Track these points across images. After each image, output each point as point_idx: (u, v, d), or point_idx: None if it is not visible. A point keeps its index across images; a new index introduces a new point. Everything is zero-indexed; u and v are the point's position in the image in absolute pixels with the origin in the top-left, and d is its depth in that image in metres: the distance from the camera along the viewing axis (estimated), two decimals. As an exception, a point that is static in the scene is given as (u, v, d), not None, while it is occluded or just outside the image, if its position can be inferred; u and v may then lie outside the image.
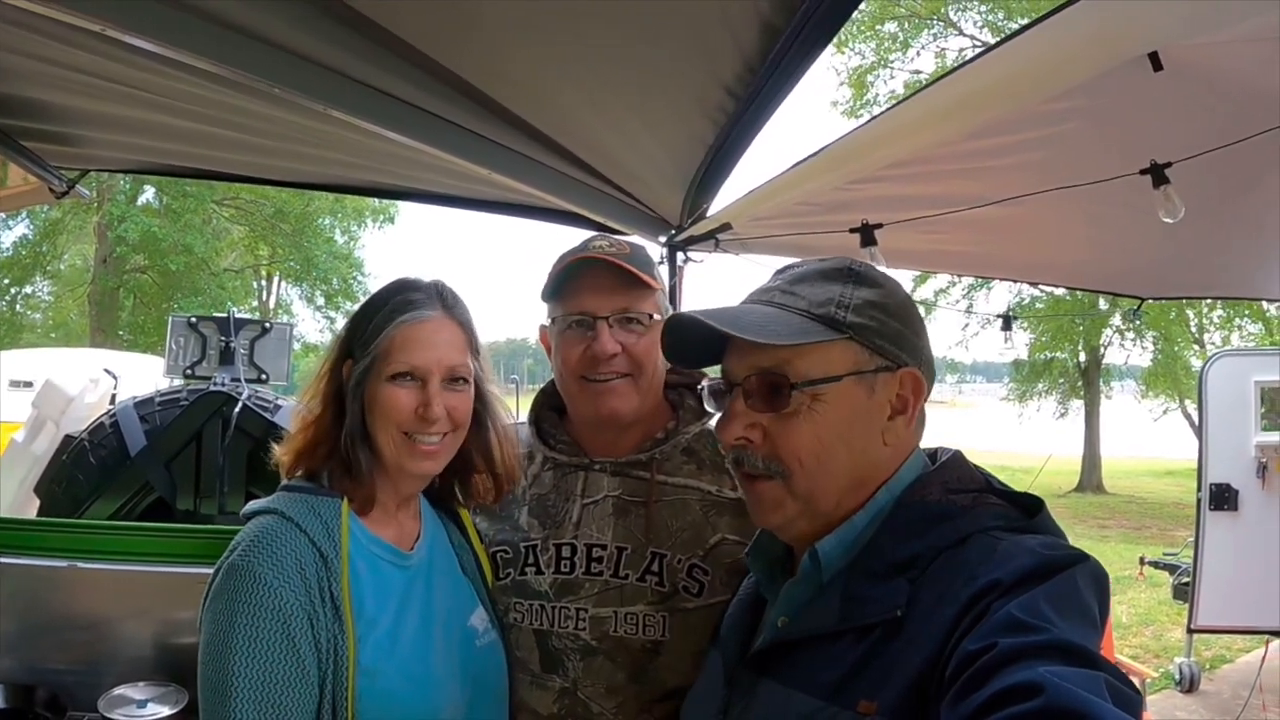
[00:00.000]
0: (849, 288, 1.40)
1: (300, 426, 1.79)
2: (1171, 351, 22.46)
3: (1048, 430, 22.38)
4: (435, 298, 1.81)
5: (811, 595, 1.36)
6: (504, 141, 2.93)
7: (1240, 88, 2.67)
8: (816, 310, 1.37)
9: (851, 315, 1.36)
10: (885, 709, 1.15)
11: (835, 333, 1.35)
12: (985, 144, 3.10)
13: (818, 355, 1.35)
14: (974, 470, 1.39)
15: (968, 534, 1.25)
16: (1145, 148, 3.02)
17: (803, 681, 1.27)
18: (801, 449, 1.35)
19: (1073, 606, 1.11)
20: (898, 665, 1.17)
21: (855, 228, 3.85)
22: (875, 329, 1.37)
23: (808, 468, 1.35)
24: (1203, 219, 3.24)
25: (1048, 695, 0.96)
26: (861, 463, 1.37)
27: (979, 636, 1.08)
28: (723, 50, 2.33)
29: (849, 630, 1.26)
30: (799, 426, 1.34)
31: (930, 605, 1.19)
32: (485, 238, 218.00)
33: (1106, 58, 2.44)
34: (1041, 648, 1.03)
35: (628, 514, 1.97)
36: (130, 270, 23.08)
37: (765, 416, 1.37)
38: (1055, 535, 1.28)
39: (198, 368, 3.93)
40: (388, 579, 1.75)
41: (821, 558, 1.34)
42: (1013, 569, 1.15)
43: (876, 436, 1.37)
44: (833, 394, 1.34)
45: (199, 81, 2.26)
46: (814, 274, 1.44)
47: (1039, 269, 6.23)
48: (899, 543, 1.29)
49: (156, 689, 2.45)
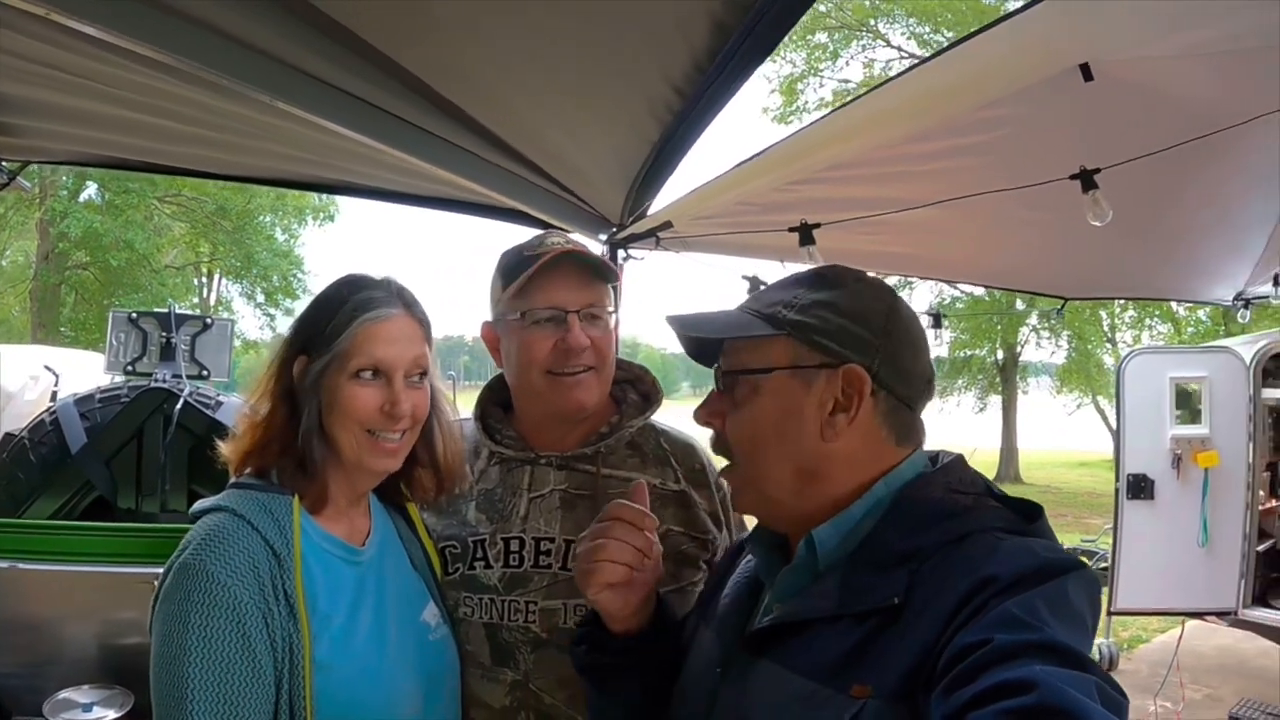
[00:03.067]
0: (806, 290, 1.42)
1: (249, 425, 1.73)
2: (1085, 349, 23.13)
3: (967, 424, 22.78)
4: (395, 296, 1.77)
5: (808, 581, 1.36)
6: (448, 137, 2.87)
7: (1166, 100, 2.72)
8: (765, 310, 1.40)
9: (794, 314, 1.38)
10: (879, 693, 1.15)
11: (773, 329, 1.38)
12: (922, 148, 3.13)
13: (759, 350, 1.39)
14: (975, 474, 1.40)
15: (969, 531, 1.26)
16: (1075, 154, 3.06)
17: (799, 664, 1.27)
18: (741, 437, 1.41)
19: (1067, 610, 1.12)
20: (893, 652, 1.17)
21: (794, 227, 3.87)
22: (816, 326, 1.37)
23: (745, 455, 1.41)
24: (1127, 223, 3.29)
25: (1040, 692, 0.96)
26: (798, 454, 1.37)
27: (975, 630, 1.08)
28: (672, 49, 2.30)
29: (846, 616, 1.26)
30: (740, 416, 1.40)
31: (928, 596, 1.19)
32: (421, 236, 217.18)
33: (1040, 68, 2.47)
34: (1036, 647, 1.03)
35: (574, 507, 1.96)
36: (72, 267, 22.60)
37: (724, 406, 1.43)
38: (1052, 541, 1.29)
39: (138, 364, 3.80)
40: (340, 575, 1.71)
41: (818, 545, 1.34)
42: (1012, 568, 1.15)
43: (814, 430, 1.36)
44: (768, 386, 1.38)
45: (144, 70, 2.17)
46: (791, 280, 1.48)
47: (970, 270, 6.34)
48: (902, 535, 1.29)
49: (102, 692, 2.39)
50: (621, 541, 1.51)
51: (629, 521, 1.53)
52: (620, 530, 1.52)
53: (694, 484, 2.04)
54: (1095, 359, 23.28)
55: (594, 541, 1.53)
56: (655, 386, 2.17)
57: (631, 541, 1.52)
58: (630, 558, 1.51)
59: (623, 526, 1.52)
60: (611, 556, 1.50)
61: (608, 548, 1.51)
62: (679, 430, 2.14)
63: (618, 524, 1.53)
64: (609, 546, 1.51)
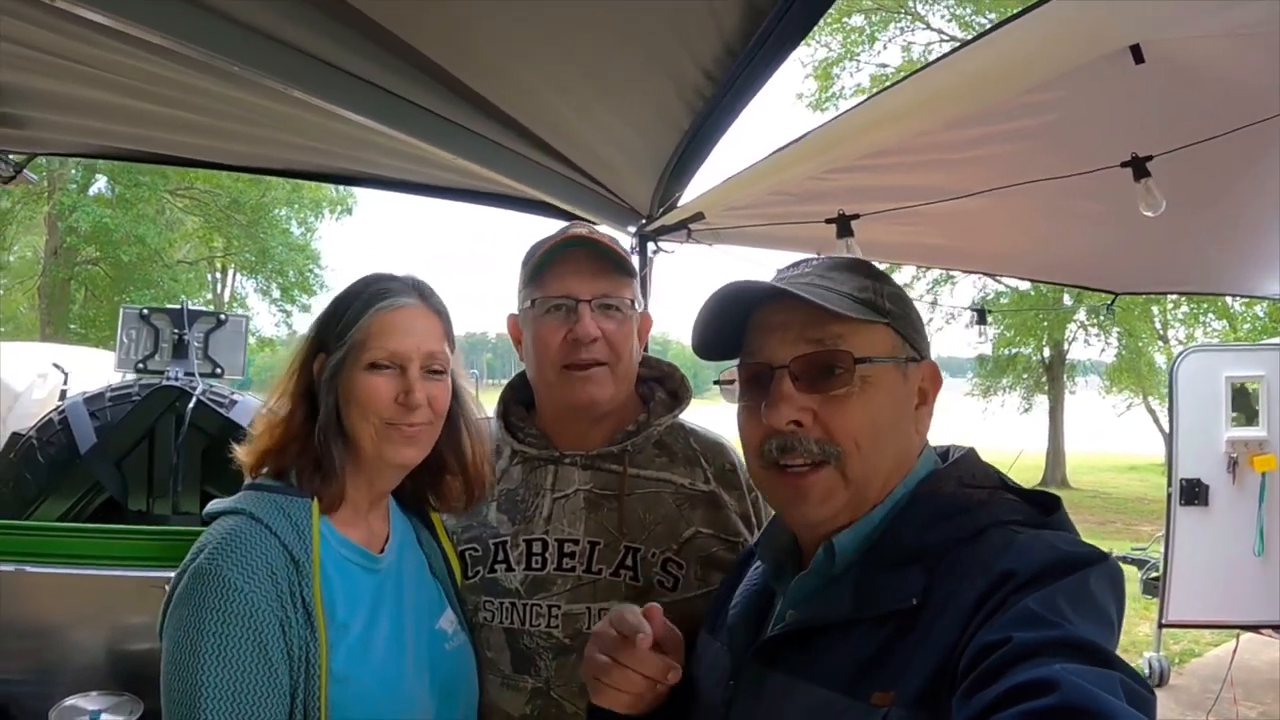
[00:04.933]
0: (876, 281, 1.42)
1: (267, 424, 1.75)
2: (1136, 347, 22.83)
3: (1012, 425, 22.59)
4: (411, 288, 1.79)
5: (822, 586, 1.35)
6: (470, 125, 2.88)
7: (1222, 82, 2.68)
8: (859, 295, 1.38)
9: (888, 303, 1.40)
10: (902, 700, 1.14)
11: (879, 316, 1.37)
12: (964, 135, 3.10)
13: (867, 336, 1.36)
14: (988, 467, 1.40)
15: (985, 526, 1.25)
16: (1126, 140, 3.03)
17: (814, 673, 1.26)
18: (858, 429, 1.33)
19: (1089, 604, 1.11)
20: (915, 655, 1.16)
21: (831, 218, 3.84)
22: (905, 318, 1.41)
23: (864, 449, 1.34)
24: (1179, 214, 3.25)
25: (1062, 692, 0.95)
26: (902, 449, 1.39)
27: (995, 629, 1.08)
28: (703, 32, 2.29)
29: (864, 620, 1.25)
30: (853, 407, 1.33)
31: (947, 595, 1.18)
32: (445, 231, 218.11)
33: (1088, 50, 2.44)
34: (1057, 644, 1.02)
35: (600, 508, 1.97)
36: (81, 262, 22.81)
37: (815, 399, 1.34)
38: (1072, 534, 1.28)
39: (150, 362, 3.82)
40: (358, 583, 1.71)
41: (838, 551, 1.34)
42: (1031, 562, 1.14)
43: (911, 424, 1.40)
44: (878, 375, 1.35)
45: (155, 59, 2.19)
46: (842, 264, 1.45)
47: (1016, 263, 6.27)
48: (915, 533, 1.29)
49: (110, 699, 2.40)
50: (633, 671, 1.41)
51: (632, 634, 1.40)
52: (634, 659, 1.41)
53: (724, 485, 2.03)
54: (1147, 357, 23.00)
55: (600, 657, 1.43)
56: (684, 384, 2.17)
57: (644, 671, 1.41)
58: (641, 687, 1.43)
59: (638, 655, 1.40)
60: (618, 685, 1.42)
61: (615, 674, 1.42)
62: (708, 429, 2.15)
63: (633, 652, 1.41)
64: (617, 674, 1.42)
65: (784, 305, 1.37)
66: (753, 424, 1.40)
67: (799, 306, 1.34)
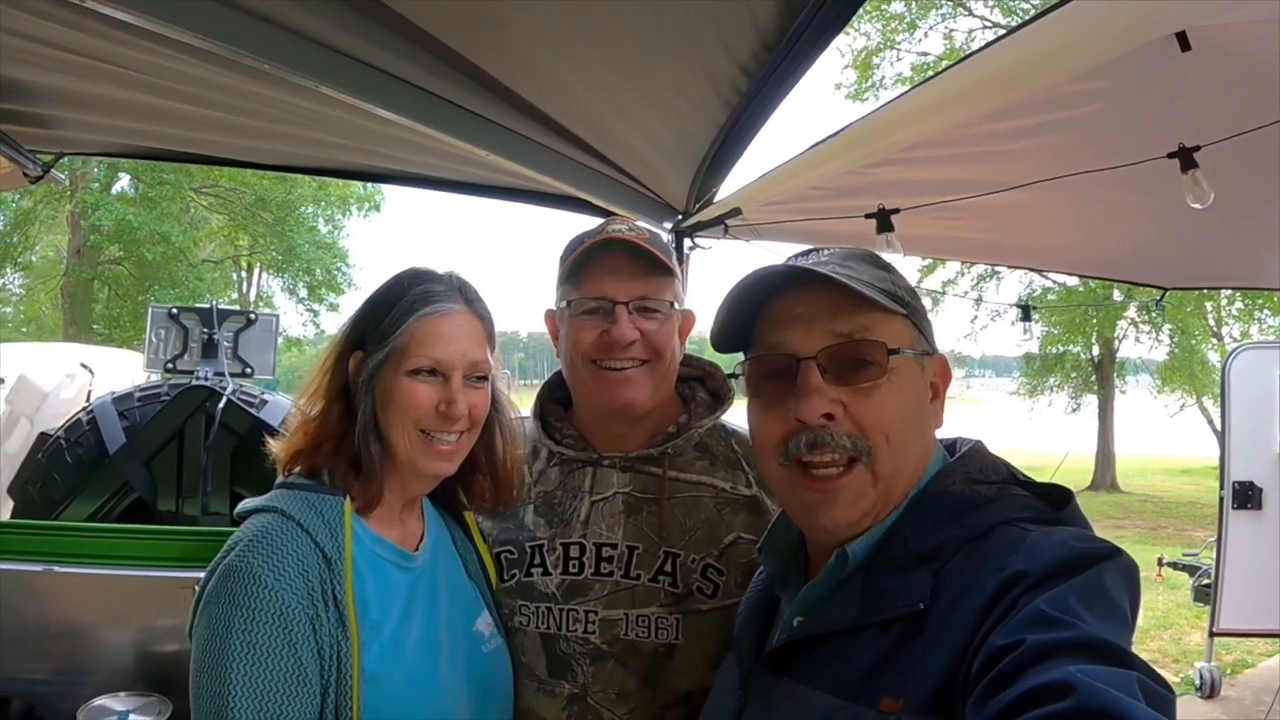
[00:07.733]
0: (889, 273, 1.42)
1: (301, 422, 1.76)
2: (1188, 345, 22.47)
3: (1059, 426, 22.35)
4: (456, 291, 1.79)
5: (829, 591, 1.35)
6: (502, 121, 2.90)
7: (1272, 69, 2.65)
8: (880, 284, 1.36)
9: (905, 295, 1.39)
10: (911, 707, 1.14)
11: (900, 307, 1.36)
12: (1006, 126, 3.08)
13: (891, 328, 1.36)
14: (996, 460, 1.39)
15: (993, 525, 1.25)
16: (1173, 131, 3.00)
17: (821, 680, 1.26)
18: (888, 422, 1.33)
19: (1103, 602, 1.10)
20: (923, 660, 1.16)
21: (871, 213, 3.83)
22: (919, 311, 1.41)
23: (894, 443, 1.33)
24: (1230, 205, 3.21)
25: (1079, 695, 0.95)
26: (924, 444, 1.39)
27: (1007, 632, 1.07)
28: (739, 26, 2.30)
29: (870, 625, 1.25)
30: (883, 399, 1.33)
31: (955, 598, 1.18)
32: (475, 227, 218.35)
33: (1134, 37, 2.43)
34: (1072, 645, 1.02)
35: (639, 512, 1.96)
36: (105, 261, 23.04)
37: (844, 391, 1.33)
38: (1084, 528, 1.27)
39: (179, 361, 3.87)
40: (392, 581, 1.72)
41: (850, 558, 1.33)
42: (1041, 561, 1.14)
43: (929, 417, 1.40)
44: (902, 367, 1.35)
45: (182, 57, 2.23)
46: (857, 255, 1.44)
47: (1062, 258, 6.21)
48: (921, 533, 1.28)
49: (138, 699, 2.42)
50: None
51: None
52: None
53: (766, 489, 2.01)
54: (1199, 355, 22.63)
55: None
56: (726, 384, 2.15)
57: None
58: None
59: None
60: None
61: None
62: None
63: None
64: None
65: (805, 295, 1.36)
66: (772, 419, 1.38)
67: (820, 297, 1.33)
